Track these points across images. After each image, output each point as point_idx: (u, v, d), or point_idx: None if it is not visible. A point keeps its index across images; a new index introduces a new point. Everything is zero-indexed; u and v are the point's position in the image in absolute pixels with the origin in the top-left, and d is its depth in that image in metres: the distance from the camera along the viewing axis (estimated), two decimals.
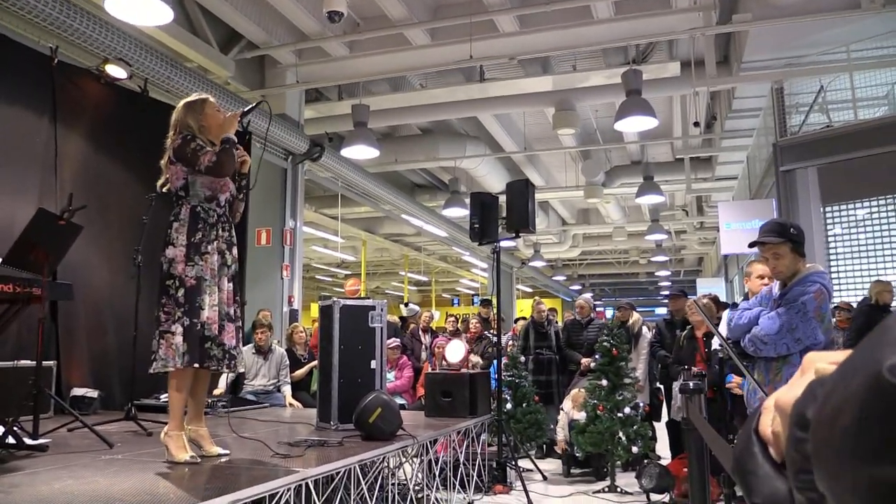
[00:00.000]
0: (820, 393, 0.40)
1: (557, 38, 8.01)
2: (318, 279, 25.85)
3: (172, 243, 3.38)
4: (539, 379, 7.61)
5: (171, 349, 3.27)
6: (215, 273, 3.43)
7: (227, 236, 3.56)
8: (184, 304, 3.31)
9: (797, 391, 0.43)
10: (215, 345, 3.36)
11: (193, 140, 3.47)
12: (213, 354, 3.35)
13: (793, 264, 3.22)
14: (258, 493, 2.79)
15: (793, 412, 0.42)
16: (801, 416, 0.41)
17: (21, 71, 5.58)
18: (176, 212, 3.46)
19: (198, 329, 3.31)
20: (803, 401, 0.42)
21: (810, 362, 0.46)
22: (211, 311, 3.36)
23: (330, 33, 8.38)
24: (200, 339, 3.31)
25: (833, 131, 7.93)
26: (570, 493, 5.83)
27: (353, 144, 9.06)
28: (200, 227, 3.43)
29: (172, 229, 3.41)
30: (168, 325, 3.30)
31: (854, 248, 7.98)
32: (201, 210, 3.46)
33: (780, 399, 0.46)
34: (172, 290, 3.33)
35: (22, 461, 3.36)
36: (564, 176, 14.70)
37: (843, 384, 0.37)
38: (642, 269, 27.65)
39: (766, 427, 0.47)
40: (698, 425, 2.41)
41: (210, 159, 3.39)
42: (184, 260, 3.35)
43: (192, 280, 3.34)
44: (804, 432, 0.40)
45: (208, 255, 3.41)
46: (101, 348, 6.02)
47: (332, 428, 4.66)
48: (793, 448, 0.41)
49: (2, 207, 5.27)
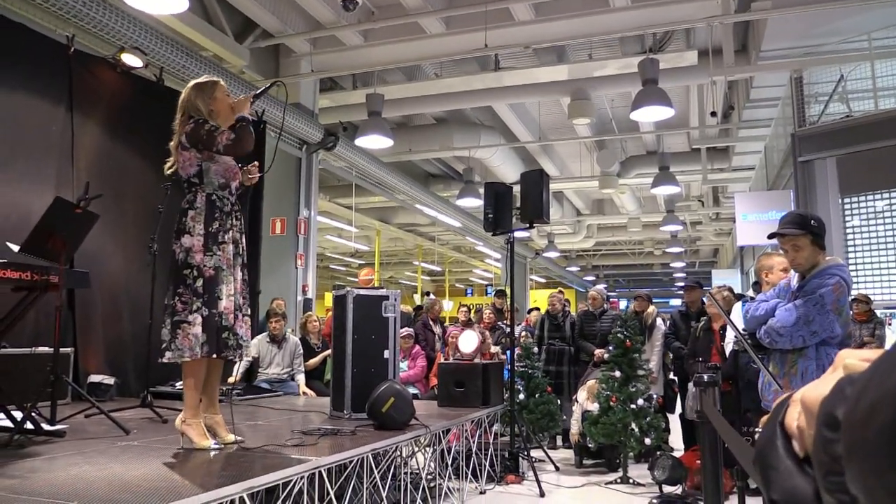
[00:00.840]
0: (850, 392, 0.39)
1: (573, 27, 7.95)
2: (332, 268, 25.94)
3: (189, 232, 3.33)
4: (550, 369, 7.60)
5: (188, 339, 3.26)
6: (231, 263, 3.41)
7: (239, 225, 3.53)
8: (203, 294, 3.29)
9: (825, 388, 0.42)
10: (232, 334, 3.36)
11: (206, 122, 3.41)
12: (230, 344, 3.34)
13: (812, 256, 3.18)
14: (272, 480, 2.81)
15: (821, 411, 0.41)
16: (829, 415, 0.40)
17: (38, 60, 5.61)
18: (190, 199, 3.40)
19: (216, 319, 3.30)
20: (832, 400, 0.40)
21: (842, 360, 0.45)
22: (228, 301, 3.36)
23: (344, 22, 8.36)
24: (218, 329, 3.31)
25: (853, 121, 7.82)
26: (582, 484, 5.83)
27: (368, 134, 9.05)
28: (217, 216, 3.39)
29: (188, 217, 3.36)
30: (185, 315, 3.27)
31: (873, 240, 7.88)
32: (217, 198, 3.42)
33: (807, 396, 0.45)
34: (190, 279, 3.29)
35: (40, 446, 3.40)
36: (579, 166, 14.63)
37: (879, 382, 0.36)
38: (657, 260, 27.51)
39: (792, 420, 0.46)
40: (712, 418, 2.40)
41: (229, 137, 3.33)
42: (202, 249, 3.31)
43: (210, 270, 3.31)
44: (834, 432, 0.39)
45: (225, 244, 3.38)
46: (118, 336, 6.08)
47: (346, 417, 4.68)
48: (821, 449, 0.40)
49: (19, 196, 5.32)
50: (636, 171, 13.91)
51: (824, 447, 0.40)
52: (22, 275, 3.69)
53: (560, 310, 7.94)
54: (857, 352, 0.44)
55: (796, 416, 0.46)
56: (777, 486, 0.45)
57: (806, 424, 0.44)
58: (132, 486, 2.52)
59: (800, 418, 0.45)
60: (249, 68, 8.76)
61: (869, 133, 7.47)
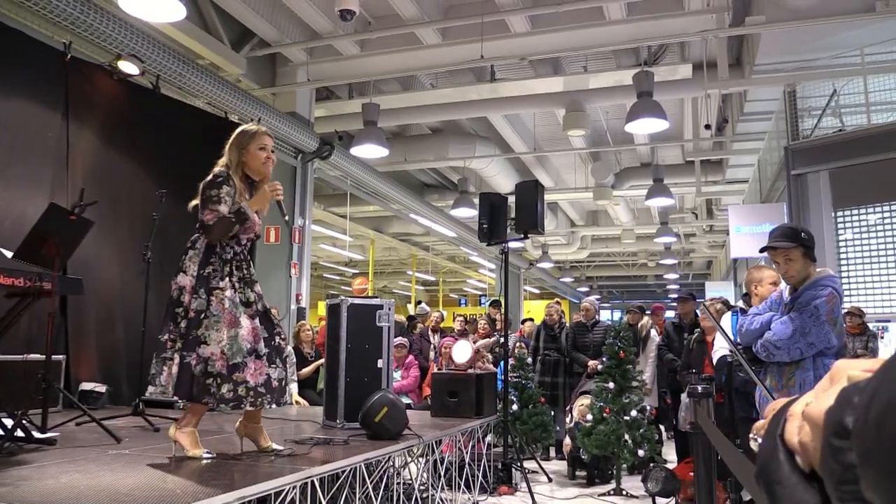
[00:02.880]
0: (858, 400, 0.39)
1: (569, 39, 7.99)
2: (325, 277, 25.89)
3: (184, 271, 3.34)
4: (545, 380, 7.60)
5: (170, 377, 3.25)
6: (228, 309, 3.31)
7: (241, 275, 3.46)
8: (184, 336, 3.27)
9: (827, 400, 0.42)
10: (222, 381, 3.24)
11: (223, 185, 3.38)
12: (212, 391, 3.22)
13: (804, 269, 3.20)
14: (264, 490, 2.80)
15: (827, 421, 0.41)
16: (838, 424, 0.40)
17: (35, 66, 5.61)
18: (193, 239, 3.43)
19: (193, 364, 3.23)
20: (839, 409, 0.40)
21: (841, 370, 0.45)
22: (216, 347, 3.25)
23: (341, 32, 8.38)
24: (194, 375, 3.22)
25: (845, 135, 7.87)
26: (575, 496, 5.81)
27: (363, 143, 9.06)
28: (213, 260, 3.37)
29: (187, 257, 3.37)
30: (170, 353, 3.27)
31: (865, 253, 7.92)
32: (218, 245, 3.40)
33: (810, 409, 0.44)
34: (179, 318, 3.29)
35: (30, 454, 3.38)
36: (574, 177, 14.67)
37: (889, 387, 0.36)
38: (651, 272, 27.55)
39: (793, 435, 0.46)
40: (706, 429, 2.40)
41: (209, 219, 3.33)
42: (191, 291, 3.31)
43: (192, 313, 3.28)
44: (844, 441, 0.39)
45: (219, 290, 3.32)
46: (110, 343, 6.05)
47: (338, 426, 4.66)
48: (832, 458, 0.40)
49: (14, 202, 5.30)
50: (630, 182, 13.95)
51: (835, 457, 0.40)
52: (15, 281, 3.68)
53: (557, 320, 7.94)
54: (856, 362, 0.45)
55: (796, 430, 0.46)
56: (784, 501, 0.45)
57: (810, 438, 0.44)
58: (123, 495, 2.50)
59: (801, 432, 0.45)
60: (246, 77, 8.77)
61: (862, 147, 7.51)
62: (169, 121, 6.83)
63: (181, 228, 6.59)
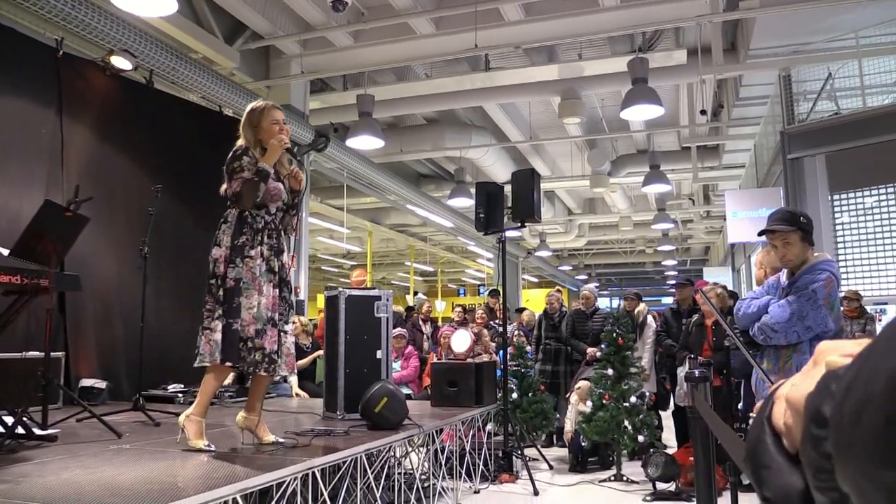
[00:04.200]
0: (836, 388, 0.38)
1: (563, 27, 7.96)
2: (323, 270, 25.88)
3: (218, 244, 3.50)
4: (546, 369, 7.62)
5: (209, 344, 3.40)
6: (256, 277, 3.46)
7: (273, 243, 3.58)
8: (224, 304, 3.42)
9: (809, 384, 0.42)
10: (247, 347, 3.41)
11: (242, 156, 3.51)
12: (243, 356, 3.40)
13: (802, 253, 3.21)
14: (265, 481, 2.81)
15: (807, 408, 0.40)
16: (817, 412, 0.39)
17: (27, 63, 5.59)
18: (225, 214, 3.57)
19: (234, 329, 3.39)
20: (818, 396, 0.40)
21: (822, 353, 0.44)
22: (247, 314, 3.41)
23: (334, 23, 8.34)
24: (234, 340, 3.39)
25: (841, 119, 7.86)
26: (576, 483, 5.84)
27: (359, 135, 9.03)
28: (245, 230, 3.50)
29: (220, 231, 3.53)
30: (208, 322, 3.43)
31: (862, 237, 7.93)
32: (248, 215, 3.53)
33: (792, 393, 0.44)
34: (214, 288, 3.46)
35: (31, 451, 3.38)
36: (570, 165, 14.65)
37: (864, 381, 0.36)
38: (649, 259, 27.57)
39: (779, 418, 0.46)
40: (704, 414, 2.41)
41: (235, 188, 3.48)
42: (225, 261, 3.46)
43: (231, 281, 3.43)
44: (822, 430, 0.39)
45: (250, 258, 3.47)
46: (109, 339, 6.05)
47: (339, 418, 4.68)
48: (811, 446, 0.39)
49: (9, 199, 5.29)
50: (627, 169, 13.93)
51: (813, 445, 0.39)
52: (12, 278, 3.67)
53: (557, 309, 7.96)
54: (837, 344, 0.44)
55: (783, 412, 0.45)
56: (770, 484, 0.45)
57: (793, 422, 0.44)
58: (124, 490, 2.51)
59: (786, 415, 0.45)
60: (240, 70, 8.73)
61: (857, 130, 7.51)
62: (163, 116, 6.81)
63: (177, 223, 6.62)
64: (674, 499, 5.21)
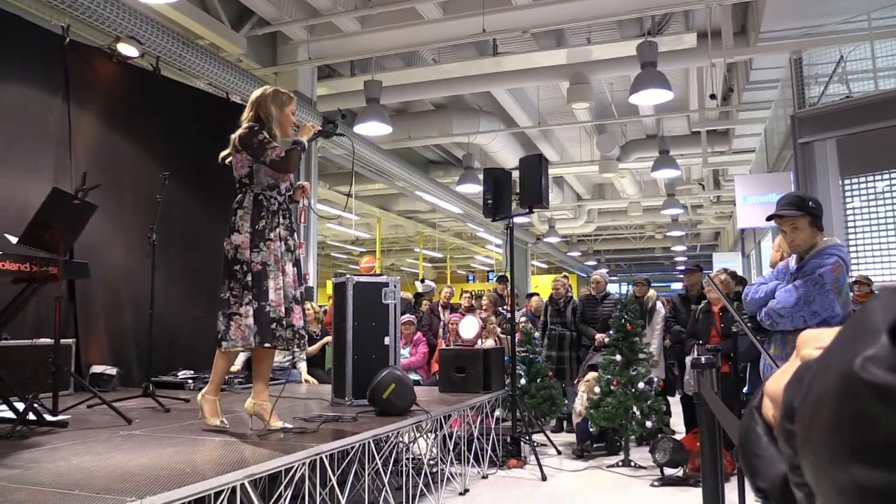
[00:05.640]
0: (805, 381, 0.37)
1: (571, 10, 7.89)
2: (333, 257, 25.94)
3: (238, 230, 3.55)
4: (552, 354, 7.62)
5: (240, 330, 3.47)
6: (279, 258, 3.58)
7: (287, 223, 3.70)
8: (252, 288, 3.49)
9: (786, 377, 0.41)
10: (281, 326, 3.53)
11: (261, 132, 3.58)
12: (279, 335, 3.51)
13: (811, 237, 3.18)
14: (274, 467, 2.83)
15: (783, 400, 0.39)
16: (788, 405, 0.38)
17: (34, 51, 5.59)
18: (239, 199, 3.61)
19: (266, 311, 3.49)
20: (791, 389, 0.39)
21: (803, 343, 0.43)
22: (275, 295, 3.52)
23: (341, 8, 8.31)
24: (268, 321, 3.49)
25: (852, 102, 7.77)
26: (584, 468, 5.85)
27: (366, 121, 9.01)
28: (263, 214, 3.58)
29: (237, 216, 3.57)
30: (237, 308, 3.49)
31: (873, 221, 7.86)
32: (263, 198, 3.60)
33: (771, 385, 0.43)
34: (240, 274, 3.51)
35: (42, 437, 3.41)
36: (579, 151, 14.58)
37: (822, 377, 0.35)
38: (658, 245, 27.47)
39: (769, 409, 0.45)
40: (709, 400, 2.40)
41: (279, 154, 3.53)
42: (249, 246, 3.52)
43: (258, 265, 3.51)
44: (792, 424, 0.38)
45: (272, 241, 3.57)
46: (119, 326, 6.09)
47: (347, 404, 4.70)
48: (784, 440, 0.39)
49: (17, 187, 5.31)
50: (636, 155, 13.86)
51: (786, 439, 0.38)
52: (21, 266, 3.69)
53: (563, 294, 7.95)
54: (816, 333, 0.43)
55: (770, 403, 0.45)
56: (763, 474, 0.44)
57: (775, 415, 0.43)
58: (134, 475, 2.53)
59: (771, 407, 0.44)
60: (247, 56, 8.72)
61: (869, 114, 7.42)
62: (170, 102, 6.81)
63: (185, 210, 6.64)
64: (681, 484, 5.22)
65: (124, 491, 2.25)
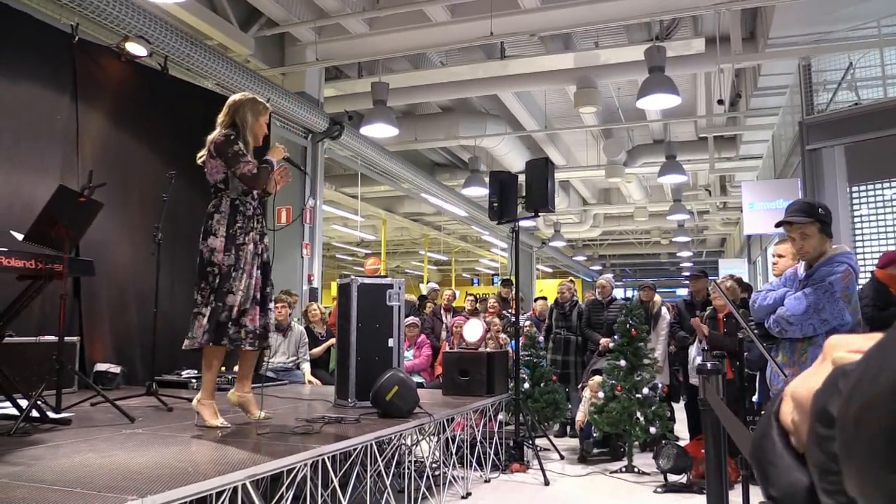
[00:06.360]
0: (843, 386, 0.36)
1: (579, 14, 7.88)
2: (338, 258, 25.95)
3: (214, 234, 3.66)
4: (556, 358, 7.60)
5: (200, 328, 3.59)
6: (248, 262, 3.69)
7: (260, 228, 3.82)
8: (216, 289, 3.61)
9: (816, 381, 0.40)
10: (235, 325, 3.62)
11: (236, 142, 3.70)
12: (231, 335, 3.61)
13: (820, 245, 3.15)
14: (276, 467, 2.82)
15: (814, 406, 0.39)
16: (823, 410, 0.38)
17: (42, 49, 5.61)
18: (216, 204, 3.72)
19: (220, 311, 3.59)
20: (825, 393, 0.38)
21: (831, 348, 0.42)
22: (236, 297, 3.62)
23: (349, 10, 8.32)
24: (220, 321, 3.59)
25: (861, 109, 7.74)
26: (587, 473, 5.83)
27: (373, 123, 9.01)
28: (239, 218, 3.70)
29: (214, 220, 3.68)
30: (201, 308, 3.61)
31: (881, 229, 7.82)
32: (239, 203, 3.73)
33: (798, 390, 0.42)
34: (211, 276, 3.63)
35: (45, 434, 3.41)
36: (585, 155, 14.56)
37: (870, 382, 0.34)
38: (664, 250, 27.43)
39: (787, 414, 0.44)
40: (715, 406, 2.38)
41: (250, 169, 3.65)
42: (222, 250, 3.64)
43: (225, 268, 3.63)
44: (828, 429, 0.37)
45: (245, 245, 3.69)
46: (124, 324, 6.10)
47: (350, 405, 4.69)
48: (816, 446, 0.38)
49: (24, 185, 5.33)
50: (643, 159, 13.83)
51: (819, 444, 0.38)
52: (26, 263, 3.70)
53: (569, 299, 7.94)
54: (847, 339, 0.42)
55: (790, 410, 0.44)
56: (776, 481, 0.43)
57: (799, 419, 0.42)
58: (135, 474, 2.52)
59: (793, 413, 0.43)
60: (255, 57, 8.73)
61: (877, 121, 7.39)
62: (177, 102, 6.82)
63: (190, 209, 6.62)
64: (685, 491, 5.19)
65: (126, 489, 2.24)
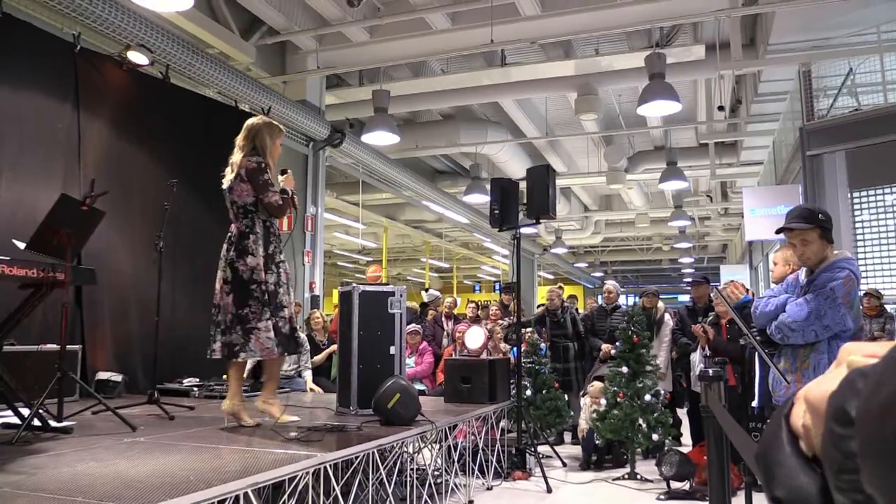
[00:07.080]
0: (863, 387, 0.37)
1: (580, 21, 7.91)
2: (339, 265, 25.95)
3: (252, 253, 3.93)
4: (556, 366, 7.58)
5: (259, 342, 3.87)
6: (290, 277, 4.12)
7: (282, 246, 4.17)
8: (270, 305, 3.93)
9: (830, 384, 0.40)
10: (294, 337, 4.10)
11: (266, 171, 3.97)
12: (291, 343, 4.08)
13: (821, 250, 3.15)
14: (277, 476, 2.81)
15: (830, 407, 0.39)
16: (841, 409, 0.38)
17: (44, 58, 5.63)
18: (249, 224, 3.98)
19: (283, 325, 3.98)
20: (842, 395, 0.39)
21: (846, 353, 0.43)
22: (287, 310, 4.03)
23: (350, 18, 8.34)
24: (286, 333, 4.00)
25: (861, 115, 7.75)
26: (589, 480, 5.81)
27: (374, 130, 9.03)
28: (272, 239, 4.05)
29: (249, 241, 3.95)
30: (256, 323, 3.89)
31: (882, 235, 7.81)
32: (269, 224, 4.06)
33: (812, 393, 0.43)
34: (257, 293, 3.91)
35: (46, 443, 3.41)
36: (587, 161, 14.57)
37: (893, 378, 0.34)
38: (665, 256, 27.40)
39: (798, 418, 0.45)
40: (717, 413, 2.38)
41: (276, 200, 3.97)
42: (264, 269, 3.94)
43: (272, 286, 3.96)
44: (845, 428, 0.37)
45: (282, 262, 4.07)
46: (126, 333, 6.10)
47: (352, 413, 4.68)
48: (832, 446, 0.38)
49: (26, 193, 5.34)
50: (644, 166, 13.84)
51: (835, 444, 0.38)
52: (28, 272, 3.70)
53: (559, 305, 7.89)
54: (862, 345, 0.43)
55: (802, 413, 0.44)
56: (781, 482, 0.43)
57: (812, 423, 0.42)
58: (137, 483, 2.52)
59: (805, 416, 0.44)
60: (256, 65, 8.76)
61: (878, 127, 7.40)
62: (179, 110, 6.84)
63: (192, 217, 6.66)
64: (688, 498, 5.17)
65: (127, 498, 2.24)
